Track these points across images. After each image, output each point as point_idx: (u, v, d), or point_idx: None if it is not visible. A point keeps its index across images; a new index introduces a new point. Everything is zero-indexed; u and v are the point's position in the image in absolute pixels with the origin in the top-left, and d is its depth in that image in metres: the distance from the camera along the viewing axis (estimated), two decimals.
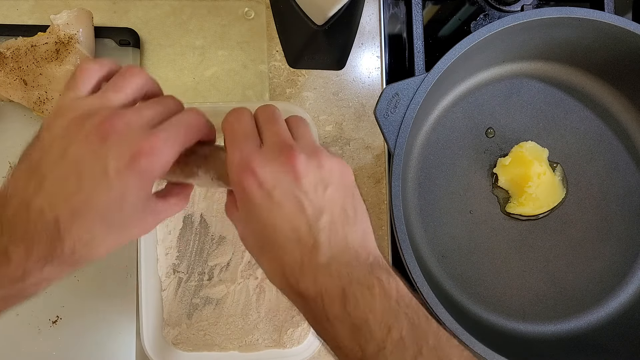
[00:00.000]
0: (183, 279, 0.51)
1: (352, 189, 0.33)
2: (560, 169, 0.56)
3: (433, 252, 0.54)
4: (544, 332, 0.54)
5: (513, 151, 0.54)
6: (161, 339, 0.50)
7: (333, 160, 0.33)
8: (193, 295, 0.51)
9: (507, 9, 0.59)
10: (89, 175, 0.30)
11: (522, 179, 0.53)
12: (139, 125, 0.30)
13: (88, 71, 0.33)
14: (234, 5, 0.58)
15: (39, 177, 0.30)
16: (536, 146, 0.54)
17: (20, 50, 0.49)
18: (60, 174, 0.30)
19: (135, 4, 0.57)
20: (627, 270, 0.55)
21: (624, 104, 0.56)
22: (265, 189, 0.30)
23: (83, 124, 0.30)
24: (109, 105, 0.31)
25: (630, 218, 0.56)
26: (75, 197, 0.29)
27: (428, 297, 0.45)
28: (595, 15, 0.48)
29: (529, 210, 0.54)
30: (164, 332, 0.50)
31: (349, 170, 0.34)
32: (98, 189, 0.30)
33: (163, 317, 0.51)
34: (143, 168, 0.30)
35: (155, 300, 0.50)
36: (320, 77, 0.59)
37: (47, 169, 0.30)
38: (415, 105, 0.45)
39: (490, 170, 0.56)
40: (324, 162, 0.32)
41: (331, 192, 0.32)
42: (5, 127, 0.53)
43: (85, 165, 0.30)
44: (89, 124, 0.30)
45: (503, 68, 0.57)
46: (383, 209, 0.58)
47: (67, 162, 0.30)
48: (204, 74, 0.57)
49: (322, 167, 0.32)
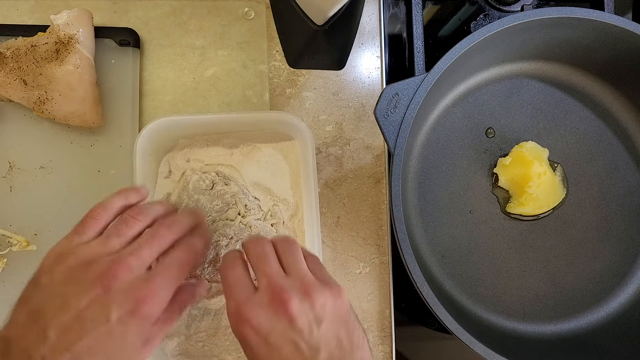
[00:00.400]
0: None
1: (347, 316, 0.34)
2: (561, 169, 0.56)
3: (433, 252, 0.54)
4: (544, 332, 0.54)
5: (513, 151, 0.54)
6: (159, 350, 0.49)
7: (325, 293, 0.33)
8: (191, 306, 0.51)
9: (507, 9, 0.59)
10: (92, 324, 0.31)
11: (522, 179, 0.53)
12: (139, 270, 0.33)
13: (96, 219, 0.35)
14: (234, 5, 0.58)
15: (42, 325, 0.31)
16: (536, 146, 0.54)
17: (20, 50, 0.49)
18: (63, 322, 0.31)
19: (135, 4, 0.57)
20: (627, 270, 0.55)
21: (624, 104, 0.56)
22: (261, 335, 0.32)
23: (86, 272, 0.32)
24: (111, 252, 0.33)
25: (630, 218, 0.56)
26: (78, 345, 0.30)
27: (428, 297, 0.45)
28: (595, 15, 0.48)
29: (529, 210, 0.54)
30: (162, 344, 0.49)
31: (342, 298, 0.34)
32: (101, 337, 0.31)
33: None
34: (145, 314, 0.32)
35: None
36: (320, 77, 0.59)
37: (50, 317, 0.31)
38: (415, 105, 0.45)
39: (491, 170, 0.56)
40: (316, 300, 0.33)
41: (325, 328, 0.33)
42: (5, 127, 0.53)
43: (88, 313, 0.31)
44: (92, 272, 0.32)
45: (503, 68, 0.57)
46: (383, 209, 0.58)
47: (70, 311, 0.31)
48: (204, 74, 0.57)
49: (315, 305, 0.33)
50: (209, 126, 0.51)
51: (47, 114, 0.50)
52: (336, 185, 0.57)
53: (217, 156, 0.51)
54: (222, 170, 0.51)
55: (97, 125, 0.53)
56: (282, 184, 0.52)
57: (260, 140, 0.52)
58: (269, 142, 0.52)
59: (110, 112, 0.54)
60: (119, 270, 0.32)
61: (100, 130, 0.54)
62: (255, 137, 0.53)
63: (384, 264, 0.57)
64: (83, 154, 0.53)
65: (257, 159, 0.51)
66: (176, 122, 0.50)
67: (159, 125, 0.49)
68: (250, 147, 0.52)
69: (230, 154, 0.51)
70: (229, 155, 0.51)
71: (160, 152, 0.52)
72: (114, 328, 0.31)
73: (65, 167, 0.53)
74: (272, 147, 0.52)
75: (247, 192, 0.51)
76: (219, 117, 0.51)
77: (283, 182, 0.52)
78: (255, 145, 0.52)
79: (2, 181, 0.53)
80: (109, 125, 0.54)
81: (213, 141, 0.52)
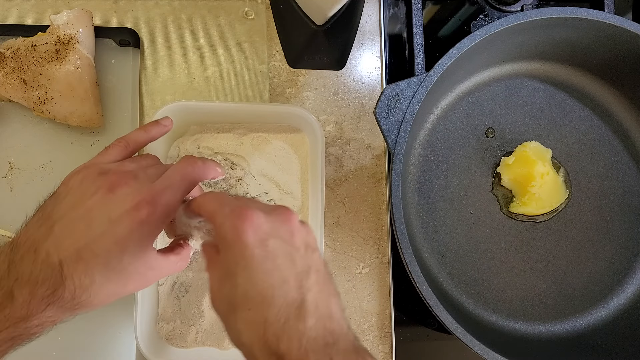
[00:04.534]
0: (180, 275, 0.51)
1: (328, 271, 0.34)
2: (564, 170, 0.56)
3: (433, 252, 0.54)
4: (544, 332, 0.54)
5: (517, 151, 0.54)
6: (155, 333, 0.50)
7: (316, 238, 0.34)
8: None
9: (507, 9, 0.59)
10: (95, 222, 0.32)
11: (525, 179, 0.53)
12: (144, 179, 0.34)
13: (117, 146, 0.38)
14: (234, 5, 0.58)
15: (50, 223, 0.33)
16: (540, 146, 0.54)
17: (20, 50, 0.49)
18: (70, 220, 0.33)
19: (135, 4, 0.57)
20: (627, 270, 0.55)
21: (624, 104, 0.56)
22: (259, 236, 0.30)
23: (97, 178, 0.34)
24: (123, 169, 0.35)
25: (630, 218, 0.56)
26: (81, 241, 0.32)
27: (428, 297, 0.45)
28: (595, 15, 0.48)
29: (532, 210, 0.54)
30: (157, 327, 0.50)
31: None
32: (102, 234, 0.32)
33: (158, 312, 0.51)
34: (144, 216, 0.32)
35: (151, 295, 0.50)
36: (320, 77, 0.59)
37: (58, 216, 0.33)
38: (415, 105, 0.45)
39: (491, 170, 0.56)
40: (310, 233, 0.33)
41: (317, 257, 0.32)
42: (5, 127, 0.53)
43: (93, 212, 0.32)
44: (102, 178, 0.34)
45: (503, 68, 0.57)
46: (383, 209, 0.58)
47: (77, 210, 0.33)
48: (204, 74, 0.57)
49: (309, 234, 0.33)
50: (221, 114, 0.52)
51: (47, 114, 0.50)
52: (336, 185, 0.57)
53: (227, 145, 0.52)
54: (231, 158, 0.52)
55: (97, 125, 0.53)
56: (290, 178, 0.53)
57: (270, 131, 0.53)
58: (279, 133, 0.53)
59: (110, 112, 0.54)
60: (128, 177, 0.34)
61: (100, 130, 0.54)
62: (266, 128, 0.53)
63: (384, 264, 0.57)
64: (83, 154, 0.53)
65: (267, 152, 0.52)
66: (188, 108, 0.50)
67: (172, 109, 0.49)
68: (260, 139, 0.53)
69: (240, 143, 0.52)
70: (239, 145, 0.52)
71: (171, 137, 0.52)
72: (115, 228, 0.32)
73: (65, 167, 0.53)
74: (282, 140, 0.53)
75: (253, 180, 0.52)
76: (230, 105, 0.51)
77: (291, 176, 0.53)
78: (265, 137, 0.53)
79: (2, 181, 0.53)
80: (109, 125, 0.54)
81: (224, 130, 0.53)
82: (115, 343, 0.52)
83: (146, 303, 0.49)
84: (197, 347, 0.51)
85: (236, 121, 0.53)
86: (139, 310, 0.48)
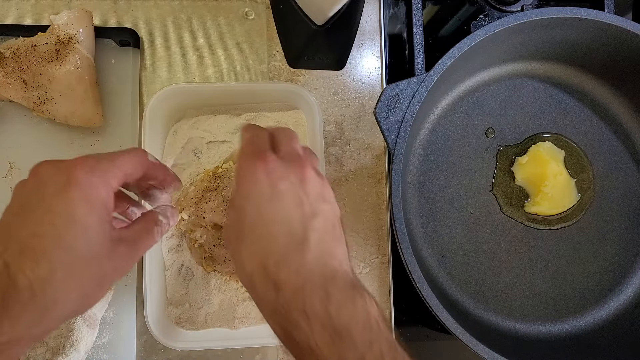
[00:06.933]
0: (186, 259, 0.52)
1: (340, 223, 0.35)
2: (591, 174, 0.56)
3: (433, 252, 0.54)
4: (544, 332, 0.54)
5: (531, 150, 0.55)
6: (165, 317, 0.50)
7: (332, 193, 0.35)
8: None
9: (507, 9, 0.59)
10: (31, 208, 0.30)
11: (538, 178, 0.53)
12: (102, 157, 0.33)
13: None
14: (234, 5, 0.58)
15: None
16: (553, 147, 0.55)
17: (20, 50, 0.49)
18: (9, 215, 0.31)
19: (135, 4, 0.57)
20: (627, 270, 0.55)
21: (624, 104, 0.56)
22: (271, 177, 0.32)
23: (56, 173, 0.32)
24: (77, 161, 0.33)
25: (630, 218, 0.56)
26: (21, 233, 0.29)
27: (428, 297, 0.45)
28: (595, 15, 0.48)
29: (545, 210, 0.54)
30: (167, 311, 0.51)
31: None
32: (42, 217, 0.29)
33: (167, 296, 0.51)
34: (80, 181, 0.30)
35: (158, 279, 0.50)
36: (320, 77, 0.59)
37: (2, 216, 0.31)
38: (415, 105, 0.45)
39: (491, 170, 0.56)
40: (326, 186, 0.34)
41: (326, 208, 0.33)
42: (5, 127, 0.53)
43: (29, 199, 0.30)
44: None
45: (503, 68, 0.57)
46: (383, 209, 0.58)
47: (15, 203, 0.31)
48: (204, 74, 0.57)
49: (325, 187, 0.34)
50: (217, 96, 0.53)
51: (47, 114, 0.50)
52: (336, 185, 0.57)
53: (224, 125, 0.53)
54: (228, 139, 0.53)
55: (97, 126, 0.53)
56: None
57: (267, 110, 0.54)
58: (276, 111, 0.54)
59: (110, 112, 0.54)
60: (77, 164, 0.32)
61: (100, 131, 0.54)
62: (262, 107, 0.54)
63: (384, 264, 0.57)
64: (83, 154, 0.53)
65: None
66: (184, 90, 0.51)
67: (167, 93, 0.50)
68: (258, 117, 0.53)
69: (237, 123, 0.53)
70: (237, 125, 0.53)
71: (168, 123, 0.53)
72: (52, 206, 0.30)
73: None
74: (280, 117, 0.54)
75: None
76: (226, 85, 0.52)
77: None
78: (263, 115, 0.53)
79: (2, 181, 0.53)
80: (109, 126, 0.54)
81: (220, 112, 0.54)
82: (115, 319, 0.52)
83: (155, 288, 0.49)
84: (207, 328, 0.51)
85: (233, 102, 0.54)
86: (148, 296, 0.48)
